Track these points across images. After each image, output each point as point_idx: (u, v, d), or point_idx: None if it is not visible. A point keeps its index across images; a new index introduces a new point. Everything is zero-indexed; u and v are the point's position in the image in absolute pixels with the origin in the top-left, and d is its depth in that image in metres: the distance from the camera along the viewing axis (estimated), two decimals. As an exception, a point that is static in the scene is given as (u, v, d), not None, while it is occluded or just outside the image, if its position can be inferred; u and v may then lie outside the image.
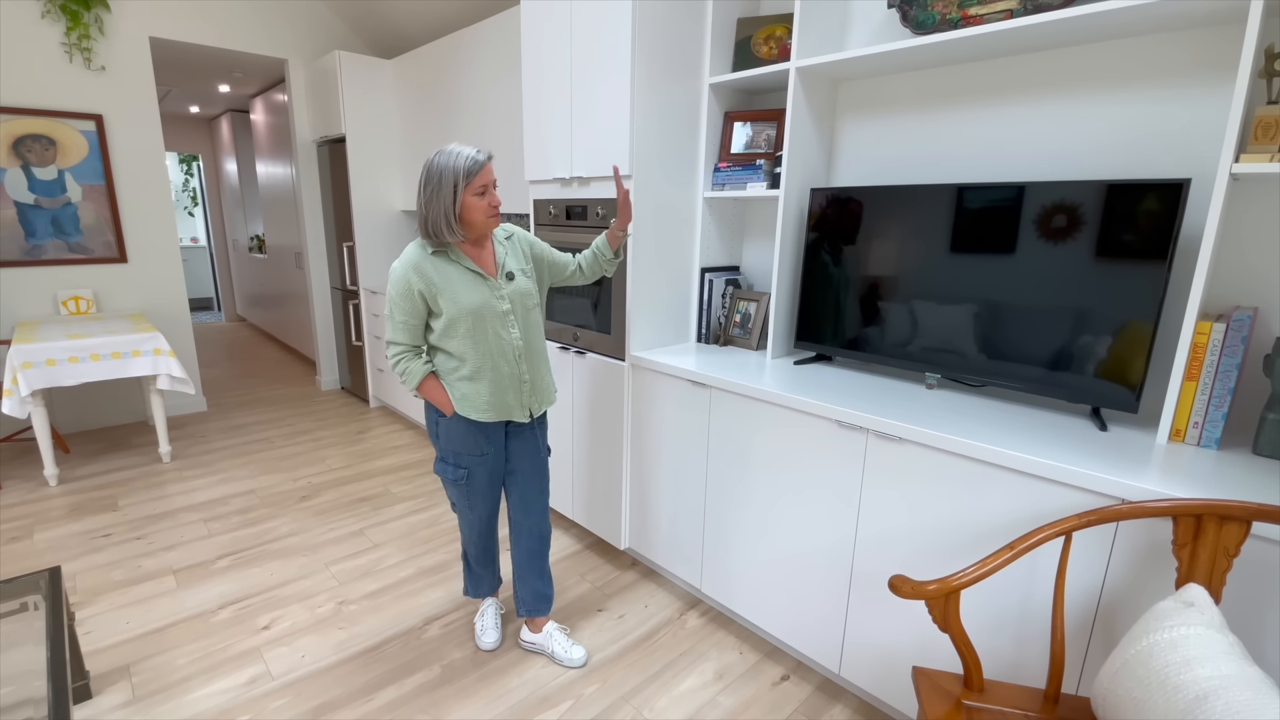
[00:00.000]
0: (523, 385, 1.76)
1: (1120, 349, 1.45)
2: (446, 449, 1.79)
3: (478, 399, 1.71)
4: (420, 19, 3.87)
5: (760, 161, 2.07)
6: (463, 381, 1.70)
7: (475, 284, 1.66)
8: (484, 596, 2.05)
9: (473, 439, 1.75)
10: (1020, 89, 1.70)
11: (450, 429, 1.76)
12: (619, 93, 2.00)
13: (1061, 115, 1.64)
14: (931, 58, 1.75)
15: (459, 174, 1.57)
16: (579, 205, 2.28)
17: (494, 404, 1.72)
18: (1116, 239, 1.42)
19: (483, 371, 1.69)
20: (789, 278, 2.08)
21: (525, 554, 1.94)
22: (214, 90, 5.66)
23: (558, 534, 2.67)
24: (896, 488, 1.55)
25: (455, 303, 1.63)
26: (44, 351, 2.86)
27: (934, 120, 1.88)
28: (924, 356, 1.78)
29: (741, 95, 2.28)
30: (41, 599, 1.62)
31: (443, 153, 1.60)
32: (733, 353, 2.21)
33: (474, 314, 1.65)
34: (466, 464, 1.78)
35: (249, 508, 2.86)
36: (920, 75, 1.89)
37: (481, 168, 1.59)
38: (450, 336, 1.67)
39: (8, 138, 3.29)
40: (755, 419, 1.83)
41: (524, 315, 1.74)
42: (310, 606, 2.15)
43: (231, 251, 7.65)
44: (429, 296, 1.64)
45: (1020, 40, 1.56)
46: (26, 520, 2.69)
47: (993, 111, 1.76)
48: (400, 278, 1.64)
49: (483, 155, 1.60)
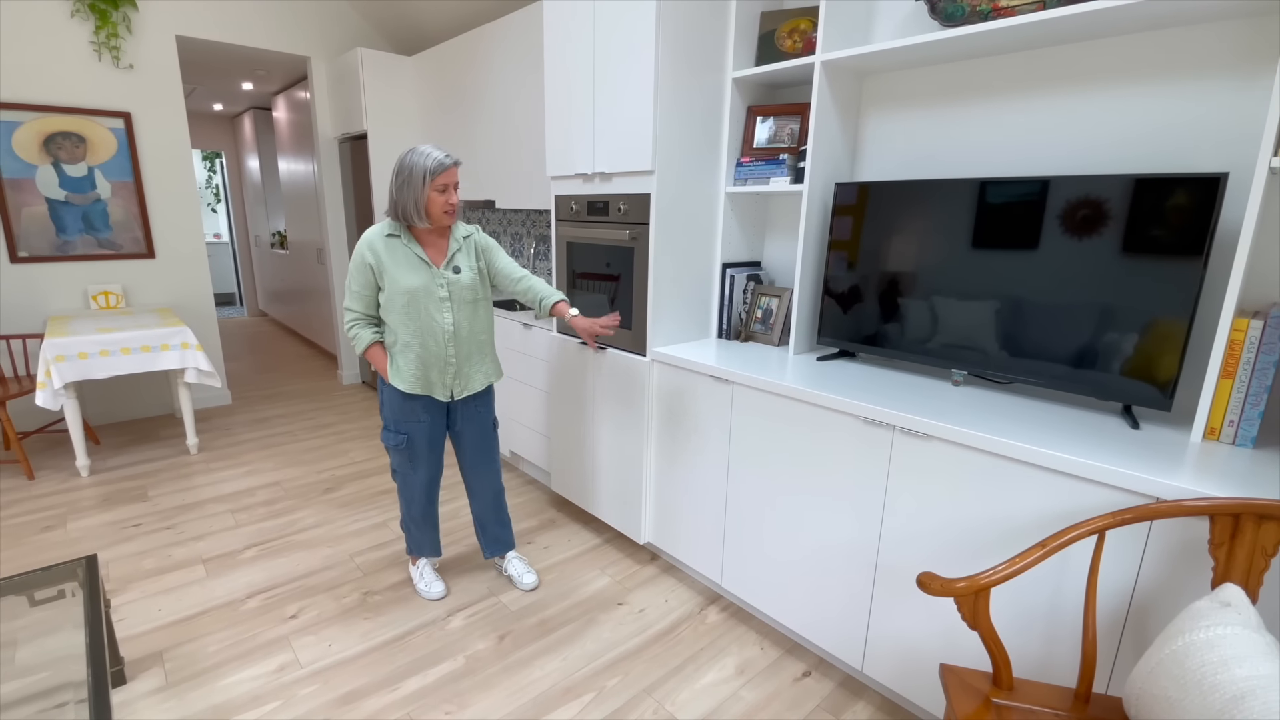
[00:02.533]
0: (448, 367, 1.97)
1: (1153, 346, 1.43)
2: (388, 417, 2.02)
3: (405, 371, 1.93)
4: (440, 16, 3.89)
5: (783, 156, 2.06)
6: (397, 354, 1.94)
7: (418, 269, 1.88)
8: (425, 557, 2.24)
9: (409, 408, 1.99)
10: (1049, 82, 1.68)
11: (391, 398, 2.00)
12: (642, 88, 2.00)
13: (1092, 108, 1.61)
14: (960, 50, 1.72)
15: (426, 171, 1.80)
16: (601, 200, 2.29)
17: (419, 378, 1.94)
18: (1149, 235, 1.40)
19: (411, 346, 1.91)
20: (812, 273, 2.07)
21: (482, 508, 2.24)
22: (237, 88, 5.73)
23: (577, 528, 2.69)
24: (922, 485, 1.54)
25: (395, 281, 1.87)
26: (76, 345, 2.93)
27: (960, 114, 1.86)
28: (949, 353, 1.77)
29: (764, 89, 2.27)
30: (79, 586, 1.66)
31: (415, 151, 1.82)
32: (754, 348, 2.21)
33: (410, 294, 1.87)
34: (406, 430, 2.01)
35: (274, 499, 2.91)
36: (947, 68, 1.87)
37: (445, 169, 1.82)
38: (390, 310, 1.90)
39: (39, 135, 3.36)
40: (778, 415, 1.83)
41: (462, 305, 1.95)
42: (336, 596, 2.19)
43: (254, 247, 7.76)
44: (377, 272, 1.88)
45: (1052, 32, 1.54)
46: (60, 510, 2.76)
47: (1020, 105, 1.74)
48: (358, 252, 1.89)
49: (449, 160, 1.83)
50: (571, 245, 2.49)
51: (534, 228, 3.79)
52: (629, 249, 2.21)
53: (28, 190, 3.38)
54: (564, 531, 2.66)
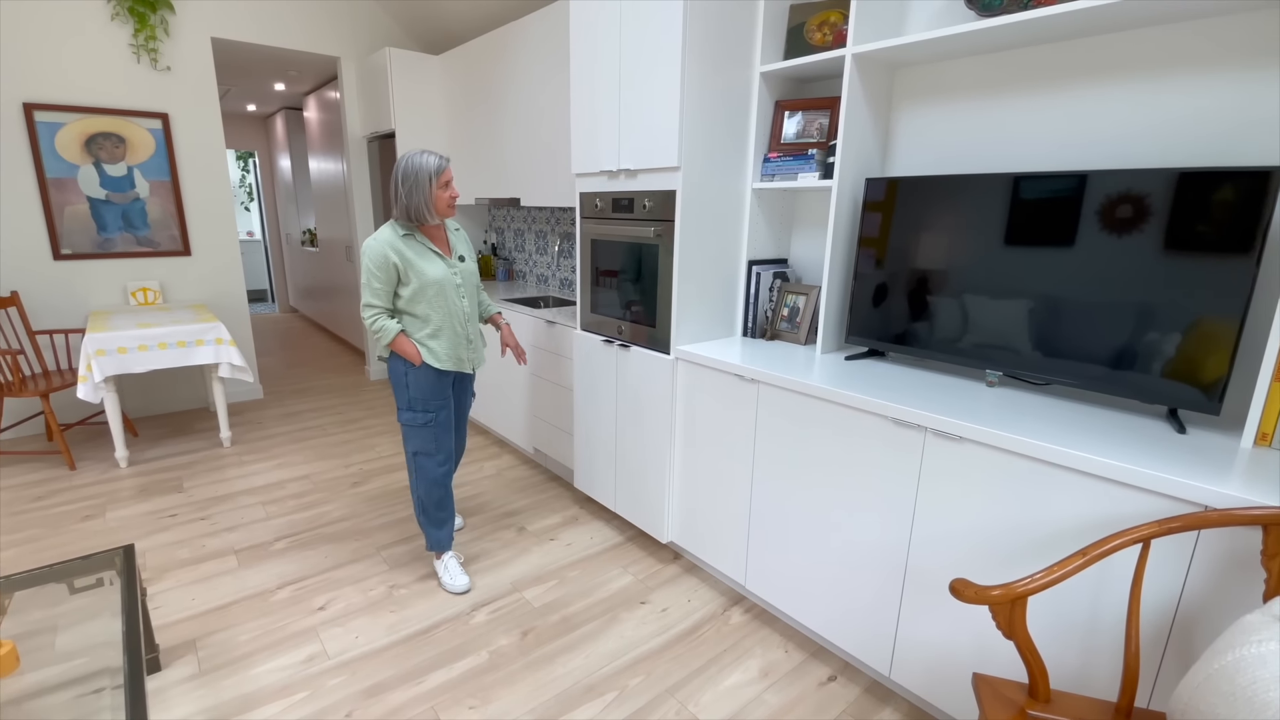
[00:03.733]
0: (469, 344, 2.19)
1: (1200, 347, 1.37)
2: (415, 398, 2.14)
3: (440, 352, 2.10)
4: (466, 15, 3.91)
5: (812, 151, 2.02)
6: (428, 339, 2.09)
7: (437, 261, 2.07)
8: (448, 548, 2.31)
9: (438, 387, 2.14)
10: (1087, 73, 1.62)
11: (419, 380, 2.11)
12: (669, 84, 1.98)
13: (1133, 100, 1.55)
14: (997, 41, 1.67)
15: (431, 172, 1.98)
16: (626, 198, 2.27)
17: (452, 356, 2.13)
18: (1194, 231, 1.34)
19: (443, 330, 2.10)
20: (841, 270, 2.04)
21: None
22: (270, 88, 5.84)
23: (600, 525, 2.69)
24: (955, 488, 1.50)
25: (422, 275, 2.03)
26: (116, 340, 3.02)
27: (995, 107, 1.80)
28: (983, 353, 1.72)
29: (792, 83, 2.23)
30: (116, 575, 1.71)
31: (413, 157, 1.99)
32: (780, 347, 2.18)
33: (437, 284, 2.05)
34: (433, 408, 2.15)
35: (304, 492, 2.96)
36: (981, 60, 1.81)
37: (444, 168, 2.02)
38: (418, 301, 2.06)
39: (81, 136, 3.47)
40: (805, 415, 1.80)
41: (470, 289, 2.19)
42: (363, 589, 2.22)
43: (285, 245, 7.92)
44: (402, 269, 2.02)
45: (1093, 21, 1.48)
46: (100, 500, 2.84)
47: (1057, 97, 1.68)
48: (378, 252, 2.00)
49: (444, 160, 2.02)
50: (596, 242, 2.48)
51: (558, 225, 3.80)
52: (654, 246, 2.19)
53: (70, 189, 3.49)
54: (587, 529, 2.66)
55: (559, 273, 3.86)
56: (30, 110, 3.29)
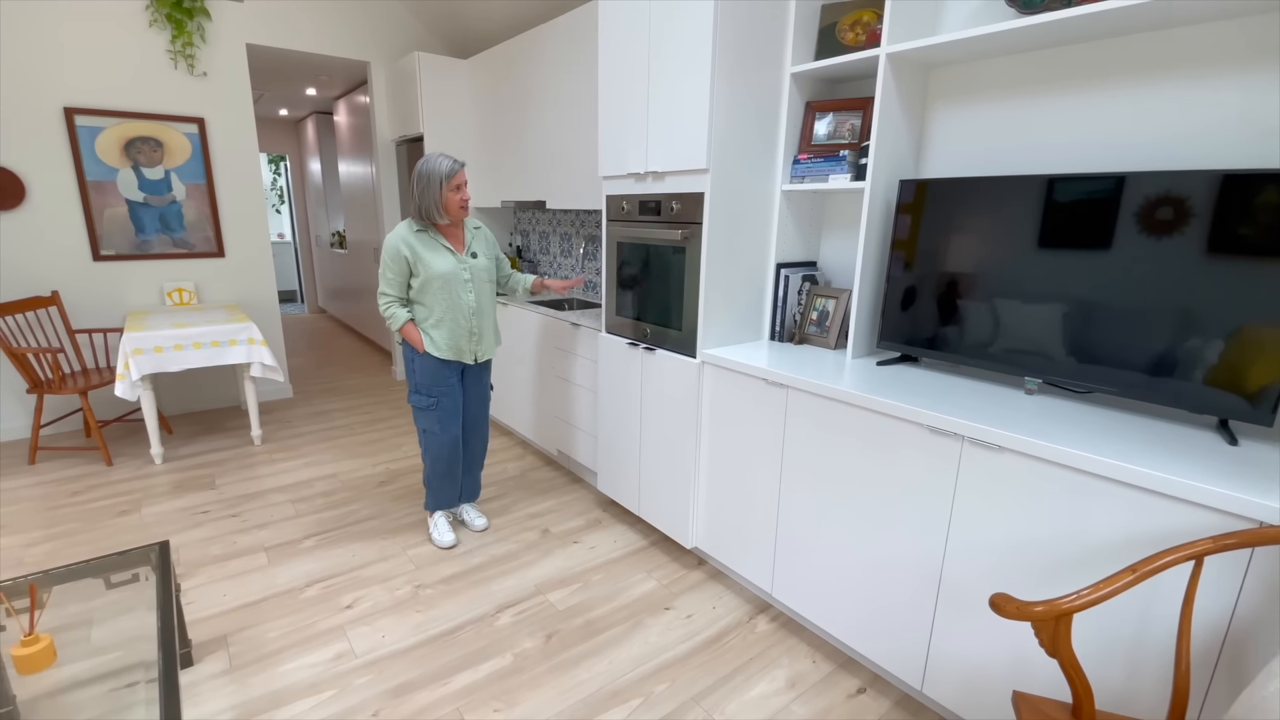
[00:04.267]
0: (472, 336, 2.33)
1: (1247, 355, 1.31)
2: (420, 383, 2.34)
3: (440, 341, 2.27)
4: (495, 19, 3.94)
5: (844, 152, 1.99)
6: (431, 328, 2.27)
7: (446, 256, 2.23)
8: (440, 509, 2.55)
9: (440, 374, 2.32)
10: (1129, 71, 1.56)
11: (423, 367, 2.31)
12: (698, 86, 1.97)
13: (1175, 99, 1.49)
14: (1037, 39, 1.63)
15: (442, 176, 2.14)
16: (653, 200, 2.26)
17: (452, 347, 2.29)
18: (1240, 235, 1.28)
19: (444, 321, 2.26)
20: (873, 274, 2.00)
21: (470, 458, 2.60)
22: (301, 93, 5.95)
23: (623, 529, 2.68)
24: (993, 499, 1.45)
25: (429, 268, 2.20)
26: (153, 339, 3.09)
27: (1031, 106, 1.75)
28: (1021, 359, 1.67)
29: (823, 84, 2.20)
30: (151, 570, 1.74)
31: (429, 160, 2.15)
32: (808, 351, 2.14)
33: (443, 278, 2.22)
34: (435, 394, 2.35)
35: (332, 491, 3.00)
36: (1018, 59, 1.77)
37: (457, 172, 2.16)
38: (425, 292, 2.24)
39: (120, 140, 3.56)
40: (837, 422, 1.76)
41: (480, 285, 2.32)
42: (390, 589, 2.23)
43: (314, 247, 8.06)
44: (412, 261, 2.20)
45: (1137, 19, 1.43)
46: (135, 495, 2.91)
47: (1097, 96, 1.63)
48: (392, 245, 2.21)
49: (458, 164, 2.16)
50: (622, 245, 2.47)
51: (583, 228, 3.80)
52: (680, 249, 2.18)
53: (110, 192, 3.59)
54: (610, 532, 2.65)
55: (583, 274, 3.86)
56: (71, 115, 3.38)
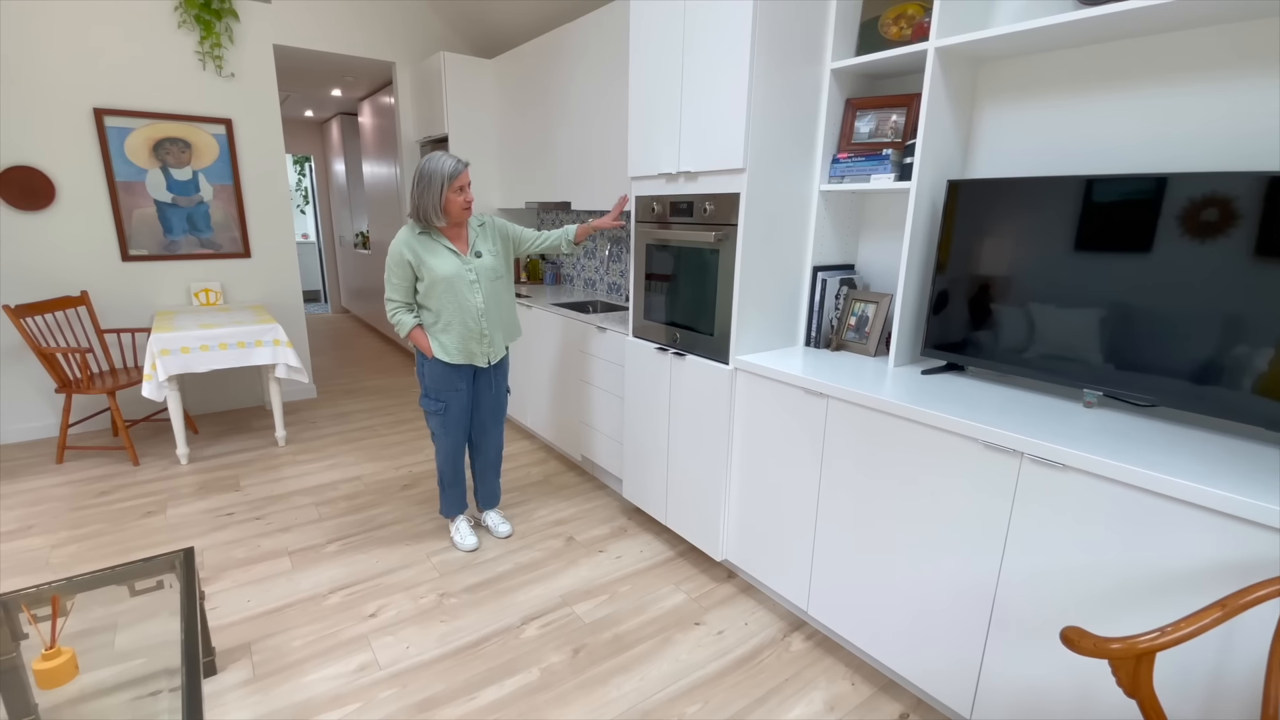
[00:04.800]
0: (483, 338, 2.27)
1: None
2: (429, 387, 2.31)
3: (450, 346, 2.23)
4: (519, 18, 3.90)
5: (887, 151, 1.91)
6: (439, 332, 2.22)
7: (450, 258, 2.17)
8: (455, 515, 2.54)
9: (448, 378, 2.28)
10: (1205, 65, 1.46)
11: (432, 370, 2.27)
12: (735, 82, 1.90)
13: (1254, 95, 1.39)
14: (1099, 32, 1.53)
15: (444, 176, 2.05)
16: (685, 201, 2.19)
17: (462, 350, 2.24)
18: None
19: (453, 325, 2.20)
20: (917, 278, 1.91)
21: (484, 464, 2.56)
22: (327, 94, 5.98)
23: (649, 538, 2.61)
24: (1055, 520, 1.36)
25: (432, 271, 2.14)
26: (179, 340, 3.09)
27: (1087, 103, 1.65)
28: (1080, 370, 1.57)
29: (864, 80, 2.11)
30: (176, 578, 1.71)
31: (431, 159, 2.06)
32: (846, 358, 2.06)
33: (447, 280, 2.15)
34: (444, 398, 2.31)
35: (355, 494, 2.97)
36: (1078, 53, 1.67)
37: (460, 172, 2.07)
38: (430, 296, 2.18)
39: (149, 141, 3.58)
40: (882, 434, 1.68)
41: (488, 285, 2.24)
42: (413, 597, 2.19)
43: (338, 247, 8.11)
44: (415, 265, 2.15)
45: (1213, 11, 1.33)
46: (161, 496, 2.91)
47: (1164, 90, 1.52)
48: (395, 250, 2.15)
49: (461, 164, 2.07)
50: (652, 247, 2.41)
51: (607, 230, 3.74)
52: (714, 251, 2.10)
53: (138, 193, 3.61)
54: (636, 541, 2.59)
55: (607, 277, 3.81)
56: (100, 115, 3.40)
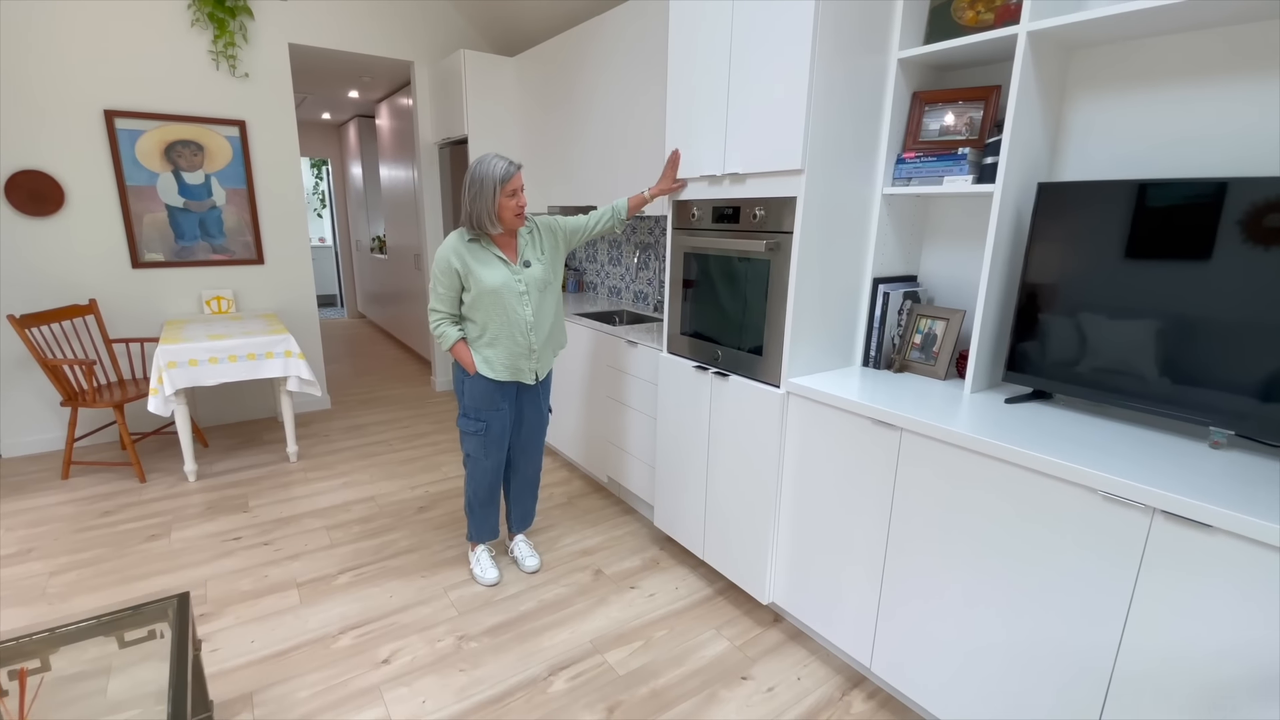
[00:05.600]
0: (531, 354, 2.12)
1: None
2: (470, 405, 2.14)
3: (496, 361, 2.08)
4: (543, 14, 3.72)
5: (964, 150, 1.69)
6: (484, 347, 2.07)
7: (499, 268, 2.02)
8: (483, 541, 2.36)
9: (491, 397, 2.13)
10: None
11: (474, 388, 2.11)
12: (795, 73, 1.69)
13: None
14: (1220, 14, 1.30)
15: (496, 180, 1.92)
16: (730, 206, 1.99)
17: (509, 366, 2.09)
18: None
19: (500, 338, 2.06)
20: (999, 292, 1.69)
21: (522, 484, 2.39)
22: (344, 96, 5.86)
23: (684, 572, 2.40)
24: (1195, 589, 1.14)
25: (480, 281, 1.99)
26: (187, 352, 2.94)
27: (1207, 94, 1.43)
28: (1202, 402, 1.34)
29: (933, 72, 1.90)
30: (168, 627, 1.54)
31: (483, 161, 1.94)
32: (912, 381, 1.84)
33: (494, 292, 2.00)
34: (485, 417, 2.15)
35: (369, 516, 2.80)
36: (1190, 37, 1.44)
37: (513, 175, 1.94)
38: (477, 308, 2.03)
39: (160, 144, 3.44)
40: (968, 475, 1.46)
41: (537, 296, 2.09)
42: (429, 639, 2.00)
43: (355, 251, 8.01)
44: (463, 274, 2.01)
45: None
46: (166, 517, 2.75)
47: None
48: (443, 257, 2.01)
49: (514, 166, 1.95)
50: (690, 256, 2.20)
51: (633, 234, 3.55)
52: (763, 261, 1.90)
53: (149, 198, 3.48)
54: (670, 576, 2.38)
55: (634, 285, 3.61)
56: (111, 117, 3.28)
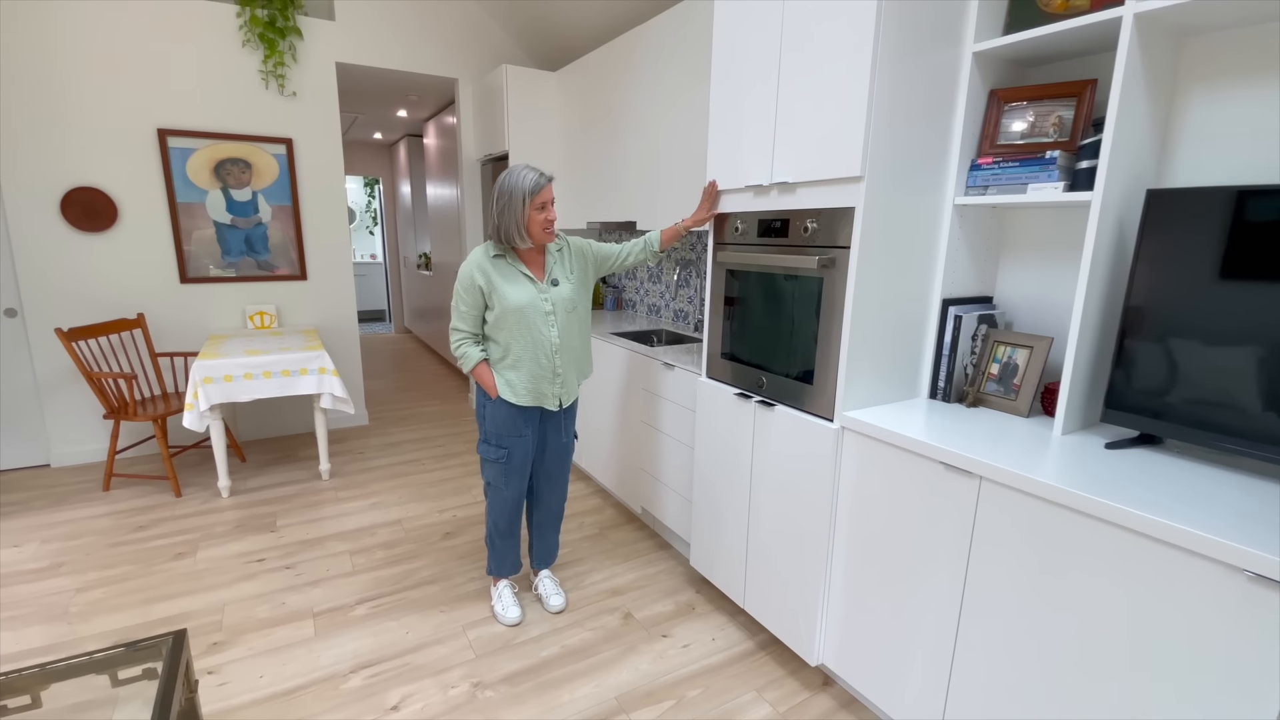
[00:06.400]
0: (555, 378, 1.99)
1: None
2: (490, 431, 2.02)
3: (518, 384, 1.95)
4: (584, 26, 3.64)
5: (1053, 154, 1.46)
6: (507, 369, 1.95)
7: (525, 285, 1.91)
8: (504, 576, 2.23)
9: (513, 422, 2.00)
10: None
11: (495, 412, 1.99)
12: (855, 70, 1.51)
13: None
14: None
15: (526, 191, 1.82)
16: (778, 219, 1.81)
17: (531, 390, 1.96)
18: None
19: (523, 361, 1.93)
20: (1096, 316, 1.44)
21: (545, 516, 2.25)
22: (393, 115, 5.95)
23: (722, 620, 2.19)
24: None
25: (505, 299, 1.88)
26: (222, 368, 2.92)
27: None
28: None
29: (1012, 68, 1.68)
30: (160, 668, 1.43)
31: (513, 172, 1.84)
32: (989, 418, 1.60)
33: (519, 311, 1.89)
34: (507, 444, 2.02)
35: (394, 541, 2.69)
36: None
37: (543, 187, 1.84)
38: (500, 328, 1.92)
39: (210, 162, 3.50)
40: (1062, 537, 1.22)
41: (564, 316, 1.97)
42: (443, 685, 1.85)
43: (402, 268, 8.13)
44: (486, 292, 1.90)
45: None
46: (195, 535, 2.71)
47: None
48: (466, 274, 1.90)
49: (544, 178, 1.84)
50: (733, 273, 2.03)
51: (674, 251, 3.39)
52: (814, 279, 1.70)
53: (198, 214, 3.53)
54: (706, 624, 2.17)
55: (673, 303, 3.44)
56: (164, 136, 3.34)
